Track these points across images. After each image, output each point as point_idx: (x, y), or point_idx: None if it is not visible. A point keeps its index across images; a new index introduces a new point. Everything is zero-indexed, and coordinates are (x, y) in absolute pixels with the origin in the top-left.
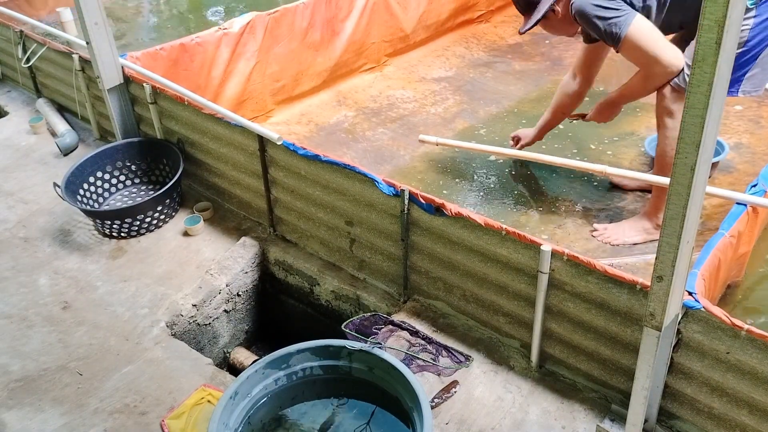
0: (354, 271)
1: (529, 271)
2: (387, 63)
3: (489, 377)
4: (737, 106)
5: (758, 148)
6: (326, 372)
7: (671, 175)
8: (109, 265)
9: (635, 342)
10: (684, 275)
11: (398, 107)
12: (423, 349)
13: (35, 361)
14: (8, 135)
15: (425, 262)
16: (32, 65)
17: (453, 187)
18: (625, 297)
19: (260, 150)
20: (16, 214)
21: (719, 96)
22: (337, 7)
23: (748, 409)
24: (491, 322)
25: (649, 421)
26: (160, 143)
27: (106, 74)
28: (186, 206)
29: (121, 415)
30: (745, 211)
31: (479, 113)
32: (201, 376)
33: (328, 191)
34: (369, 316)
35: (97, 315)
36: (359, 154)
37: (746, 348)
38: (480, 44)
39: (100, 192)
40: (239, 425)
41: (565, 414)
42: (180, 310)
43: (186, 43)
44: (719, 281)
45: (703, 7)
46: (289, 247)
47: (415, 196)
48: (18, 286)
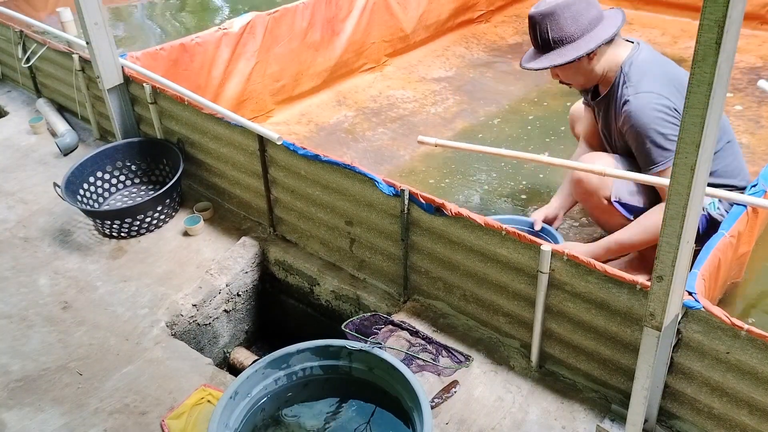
0: (354, 271)
1: (529, 271)
2: (387, 63)
3: (489, 377)
4: (737, 105)
5: (758, 148)
6: (326, 372)
7: (671, 175)
8: (109, 265)
9: (635, 342)
10: (684, 275)
11: (398, 107)
12: (423, 349)
13: (35, 361)
14: (8, 135)
15: (425, 262)
16: (32, 65)
17: (453, 187)
18: (625, 297)
19: (260, 150)
20: (16, 214)
21: (719, 96)
22: (337, 7)
23: (748, 409)
24: (491, 322)
25: (649, 421)
26: (160, 143)
27: (106, 74)
28: (186, 206)
29: (121, 415)
30: (745, 211)
31: (479, 113)
32: (201, 376)
33: (328, 191)
34: (369, 316)
35: (97, 315)
36: (359, 154)
37: (746, 348)
38: (480, 44)
39: (100, 192)
40: (239, 425)
41: (565, 414)
42: (180, 310)
43: (186, 43)
44: (719, 281)
45: (703, 7)
46: (289, 247)
47: (415, 196)
48: (18, 286)
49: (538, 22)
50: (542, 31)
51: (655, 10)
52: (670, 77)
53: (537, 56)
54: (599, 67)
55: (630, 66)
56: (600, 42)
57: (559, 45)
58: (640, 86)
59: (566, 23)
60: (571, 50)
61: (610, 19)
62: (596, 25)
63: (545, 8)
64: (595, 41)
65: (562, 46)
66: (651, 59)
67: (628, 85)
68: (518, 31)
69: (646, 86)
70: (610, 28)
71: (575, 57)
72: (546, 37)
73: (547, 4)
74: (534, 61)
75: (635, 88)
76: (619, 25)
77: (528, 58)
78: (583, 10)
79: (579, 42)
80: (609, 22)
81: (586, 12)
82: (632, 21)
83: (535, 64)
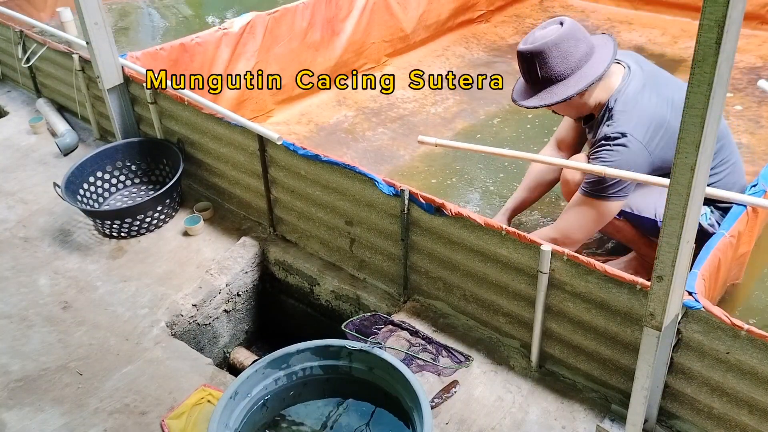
0: (354, 271)
1: (529, 271)
2: (387, 63)
3: (489, 377)
4: (737, 105)
5: (758, 148)
6: (326, 372)
7: (671, 175)
8: (109, 265)
9: (635, 342)
10: (684, 275)
11: (398, 107)
12: (423, 349)
13: (35, 361)
14: (8, 135)
15: (425, 262)
16: (32, 65)
17: (453, 187)
18: (625, 297)
19: (260, 150)
20: (16, 214)
21: (719, 96)
22: (337, 7)
23: (748, 409)
24: (491, 322)
25: (649, 421)
26: (160, 143)
27: (106, 74)
28: (186, 206)
29: (121, 415)
30: (745, 211)
31: (479, 113)
32: (201, 376)
33: (328, 191)
34: (369, 316)
35: (97, 315)
36: (359, 154)
37: (746, 348)
38: (480, 44)
39: (100, 192)
40: (239, 425)
41: (565, 414)
42: (180, 310)
43: (186, 43)
44: (719, 281)
45: (703, 7)
46: (289, 247)
47: (415, 196)
48: (18, 286)
49: (527, 60)
50: (531, 69)
51: (655, 10)
52: (650, 114)
53: (527, 91)
54: (592, 100)
55: (616, 101)
56: (591, 81)
57: (549, 83)
58: (617, 126)
59: (555, 62)
60: (561, 89)
61: (601, 51)
62: (587, 61)
63: (533, 46)
64: (586, 80)
65: (552, 85)
66: (641, 87)
67: (609, 123)
68: (518, 31)
69: (623, 126)
70: (600, 64)
71: (565, 97)
72: (536, 75)
73: (535, 42)
74: (526, 98)
75: (614, 127)
76: (609, 61)
77: (520, 93)
78: (572, 48)
79: (569, 80)
80: (599, 56)
81: (575, 50)
82: (632, 21)
83: (527, 102)
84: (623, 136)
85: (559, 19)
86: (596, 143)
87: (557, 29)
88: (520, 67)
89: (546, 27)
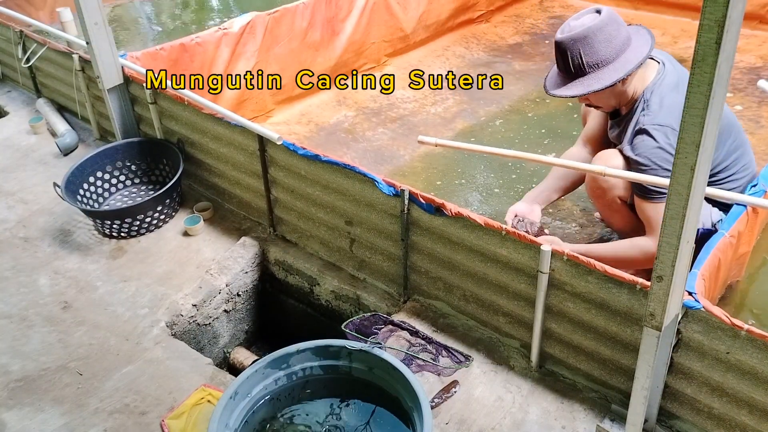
0: (354, 271)
1: (529, 271)
2: (387, 63)
3: (489, 377)
4: (737, 105)
5: (758, 148)
6: (326, 372)
7: (671, 175)
8: (109, 265)
9: (635, 342)
10: (684, 275)
11: (398, 107)
12: (423, 349)
13: (35, 361)
14: (8, 135)
15: (425, 262)
16: (32, 65)
17: (453, 187)
18: (625, 297)
19: (260, 150)
20: (16, 214)
21: (719, 96)
22: (337, 7)
23: (748, 409)
24: (491, 322)
25: (649, 421)
26: (160, 143)
27: (106, 74)
28: (186, 206)
29: (121, 415)
30: (745, 211)
31: (479, 113)
32: (201, 376)
33: (328, 191)
34: (369, 316)
35: (97, 315)
36: (359, 154)
37: (746, 348)
38: (480, 44)
39: (100, 192)
40: (239, 425)
41: (565, 414)
42: (180, 310)
43: (186, 43)
44: (719, 281)
45: (703, 7)
46: (289, 247)
47: (415, 196)
48: (18, 286)
49: (569, 47)
50: (574, 57)
51: (655, 10)
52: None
53: (567, 81)
54: (630, 88)
55: (652, 93)
56: (637, 63)
57: (594, 69)
58: (657, 118)
59: (600, 46)
60: (608, 74)
61: (638, 38)
62: (628, 45)
63: (576, 32)
64: (632, 62)
65: (597, 70)
66: (675, 84)
67: (646, 113)
68: (518, 31)
69: (663, 118)
70: (642, 47)
71: (614, 81)
72: (579, 62)
73: (576, 28)
74: (565, 87)
75: (652, 118)
76: (651, 45)
77: (555, 84)
78: (615, 32)
79: (615, 64)
80: (638, 41)
81: (618, 33)
82: (632, 21)
83: (569, 91)
84: (666, 127)
85: (594, 7)
86: (635, 132)
87: (596, 16)
88: (558, 59)
89: (581, 16)
